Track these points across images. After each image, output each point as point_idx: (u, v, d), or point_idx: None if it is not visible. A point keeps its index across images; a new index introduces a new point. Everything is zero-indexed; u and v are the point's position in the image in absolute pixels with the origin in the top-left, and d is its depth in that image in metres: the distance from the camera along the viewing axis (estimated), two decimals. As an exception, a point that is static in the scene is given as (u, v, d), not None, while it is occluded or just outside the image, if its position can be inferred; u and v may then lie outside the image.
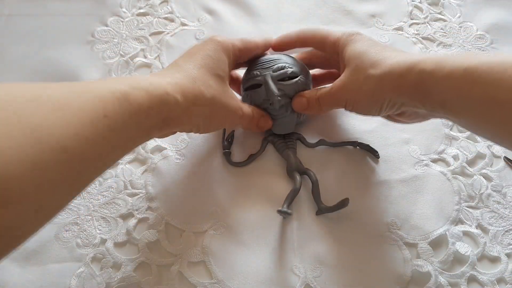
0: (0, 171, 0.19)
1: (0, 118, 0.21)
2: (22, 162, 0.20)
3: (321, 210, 0.38)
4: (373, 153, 0.42)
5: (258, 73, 0.39)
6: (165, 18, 0.54)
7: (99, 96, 0.25)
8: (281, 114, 0.39)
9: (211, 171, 0.41)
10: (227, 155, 0.42)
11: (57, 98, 0.23)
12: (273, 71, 0.39)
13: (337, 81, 0.36)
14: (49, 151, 0.21)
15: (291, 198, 0.38)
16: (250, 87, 0.40)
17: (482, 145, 0.44)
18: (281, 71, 0.39)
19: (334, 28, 0.54)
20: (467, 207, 0.40)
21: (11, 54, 0.50)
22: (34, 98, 0.23)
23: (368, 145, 0.42)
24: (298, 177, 0.39)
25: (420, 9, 0.56)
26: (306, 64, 0.42)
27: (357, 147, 0.43)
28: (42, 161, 0.21)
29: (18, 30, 0.52)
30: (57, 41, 0.51)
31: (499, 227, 0.39)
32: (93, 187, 0.40)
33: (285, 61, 0.40)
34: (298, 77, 0.39)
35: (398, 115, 0.36)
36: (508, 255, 0.37)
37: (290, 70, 0.39)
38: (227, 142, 0.42)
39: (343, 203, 0.38)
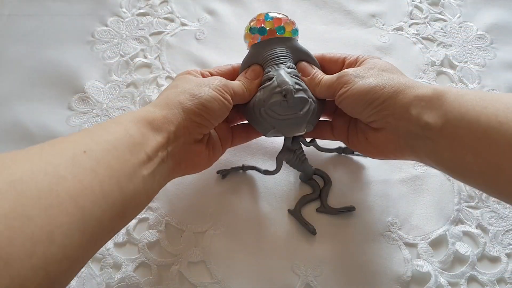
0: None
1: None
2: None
3: (324, 208, 0.39)
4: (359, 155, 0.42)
5: (270, 69, 0.36)
6: (165, 18, 0.54)
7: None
8: (293, 112, 0.34)
9: (211, 171, 0.41)
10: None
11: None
12: (287, 67, 0.36)
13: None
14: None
15: (307, 201, 0.39)
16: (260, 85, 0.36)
17: (482, 145, 0.44)
18: (293, 68, 0.36)
19: (334, 28, 0.54)
20: (467, 207, 0.40)
21: (11, 54, 0.50)
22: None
23: (352, 151, 0.42)
24: (314, 182, 0.40)
25: (420, 9, 0.56)
26: None
27: (342, 153, 0.42)
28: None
29: (18, 30, 0.52)
30: (57, 41, 0.51)
31: (499, 227, 0.39)
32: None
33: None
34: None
35: (372, 130, 0.33)
36: (508, 255, 0.37)
37: (295, 70, 0.37)
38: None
39: (348, 208, 0.38)
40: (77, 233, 0.21)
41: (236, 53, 0.51)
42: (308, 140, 0.40)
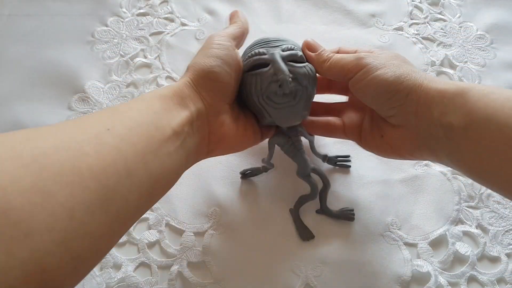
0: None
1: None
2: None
3: (324, 211, 0.39)
4: (345, 164, 0.42)
5: (265, 51, 0.34)
6: (165, 18, 0.54)
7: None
8: (288, 101, 0.33)
9: (211, 171, 0.41)
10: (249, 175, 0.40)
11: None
12: (282, 50, 0.33)
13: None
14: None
15: (305, 201, 0.38)
16: (252, 68, 0.34)
17: (482, 145, 0.44)
18: (291, 51, 0.34)
19: (334, 28, 0.54)
20: (467, 207, 0.40)
21: (11, 54, 0.50)
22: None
23: (335, 162, 0.42)
24: (313, 180, 0.38)
25: (420, 9, 0.56)
26: None
27: (326, 162, 0.42)
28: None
29: (18, 30, 0.52)
30: (57, 41, 0.51)
31: (499, 227, 0.39)
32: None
33: (292, 43, 0.35)
34: (306, 63, 0.34)
35: (390, 127, 0.32)
36: (508, 255, 0.37)
37: (299, 53, 0.34)
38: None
39: (348, 217, 0.38)
40: (99, 211, 0.21)
41: (236, 53, 0.51)
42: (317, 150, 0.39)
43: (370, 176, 0.42)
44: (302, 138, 0.37)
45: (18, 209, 0.18)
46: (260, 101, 0.33)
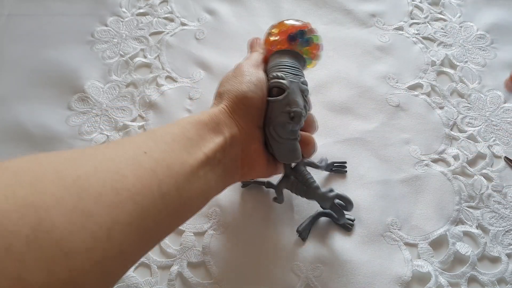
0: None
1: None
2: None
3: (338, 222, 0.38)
4: (341, 170, 0.42)
5: (283, 75, 0.33)
6: (165, 18, 0.54)
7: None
8: (292, 138, 0.32)
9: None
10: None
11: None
12: (302, 83, 0.33)
13: None
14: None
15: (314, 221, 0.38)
16: (269, 92, 0.33)
17: (483, 145, 0.44)
18: (306, 86, 0.33)
19: (335, 28, 0.54)
20: (468, 207, 0.40)
21: (10, 54, 0.50)
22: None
23: (331, 166, 0.41)
24: (337, 206, 0.37)
25: (421, 9, 0.56)
26: None
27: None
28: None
29: (18, 30, 0.52)
30: (56, 41, 0.51)
31: (500, 227, 0.39)
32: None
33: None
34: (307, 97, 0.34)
35: None
36: (508, 255, 0.37)
37: (307, 89, 0.34)
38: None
39: (346, 227, 0.38)
40: (134, 231, 0.22)
41: (236, 52, 0.50)
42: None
43: (370, 176, 0.41)
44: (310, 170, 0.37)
45: (60, 229, 0.18)
46: (270, 130, 0.33)
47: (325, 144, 0.43)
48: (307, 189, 0.35)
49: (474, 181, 0.42)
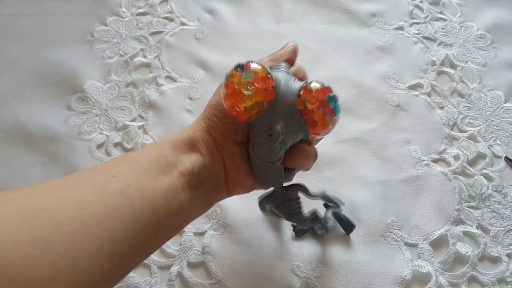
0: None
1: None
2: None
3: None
4: (336, 205, 0.37)
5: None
6: (165, 18, 0.54)
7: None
8: (269, 159, 0.28)
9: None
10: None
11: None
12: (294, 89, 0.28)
13: None
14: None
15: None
16: None
17: (483, 145, 0.44)
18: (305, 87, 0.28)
19: (335, 28, 0.54)
20: (468, 207, 0.40)
21: (10, 53, 0.50)
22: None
23: (328, 200, 0.37)
24: (321, 220, 0.35)
25: (421, 9, 0.56)
26: None
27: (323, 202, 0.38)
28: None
29: (18, 30, 0.52)
30: (56, 41, 0.51)
31: (500, 227, 0.39)
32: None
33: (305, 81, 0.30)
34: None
35: None
36: (509, 255, 0.37)
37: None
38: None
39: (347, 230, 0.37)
40: (105, 257, 0.21)
41: (236, 52, 0.51)
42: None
43: (370, 176, 0.41)
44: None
45: (16, 264, 0.18)
46: (249, 148, 0.29)
47: (325, 144, 0.43)
48: (290, 216, 0.33)
49: (474, 181, 0.41)
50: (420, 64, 0.50)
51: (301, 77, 0.31)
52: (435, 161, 0.43)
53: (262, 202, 0.34)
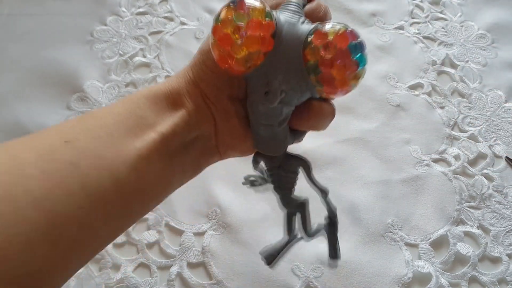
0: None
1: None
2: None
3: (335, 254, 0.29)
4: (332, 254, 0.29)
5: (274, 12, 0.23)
6: (165, 17, 0.54)
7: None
8: (265, 121, 0.23)
9: (211, 171, 0.41)
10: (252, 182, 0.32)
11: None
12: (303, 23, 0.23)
13: None
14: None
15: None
16: None
17: (484, 145, 0.44)
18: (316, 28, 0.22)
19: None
20: (468, 207, 0.40)
21: (10, 53, 0.50)
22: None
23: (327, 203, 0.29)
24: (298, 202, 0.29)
25: (421, 8, 0.56)
26: None
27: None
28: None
29: (17, 30, 0.52)
30: (56, 41, 0.51)
31: (501, 227, 0.39)
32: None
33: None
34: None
35: None
36: (509, 255, 0.37)
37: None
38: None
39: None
40: (44, 245, 0.17)
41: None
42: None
43: (370, 176, 0.41)
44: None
45: None
46: (247, 106, 0.24)
47: (325, 144, 0.43)
48: (278, 187, 0.28)
49: (475, 181, 0.41)
50: (420, 64, 0.50)
51: (319, 17, 0.23)
52: (435, 161, 0.43)
53: (257, 157, 0.27)
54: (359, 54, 0.21)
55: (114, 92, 0.47)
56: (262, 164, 0.28)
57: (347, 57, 0.21)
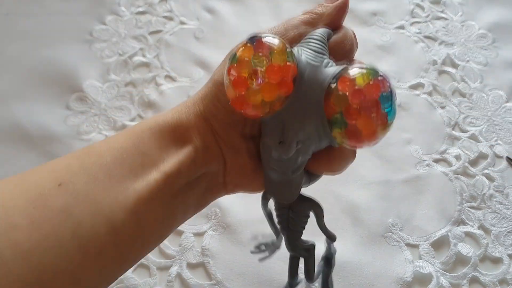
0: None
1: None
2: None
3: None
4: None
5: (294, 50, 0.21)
6: (164, 17, 0.54)
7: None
8: (277, 168, 0.22)
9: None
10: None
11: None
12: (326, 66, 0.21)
13: None
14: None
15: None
16: None
17: (485, 145, 0.44)
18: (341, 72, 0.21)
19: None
20: (469, 207, 0.40)
21: (8, 53, 0.49)
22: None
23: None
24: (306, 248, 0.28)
25: (422, 8, 0.56)
26: None
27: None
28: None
29: (16, 29, 0.52)
30: (55, 40, 0.51)
31: (501, 227, 0.39)
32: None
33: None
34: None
35: None
36: (510, 256, 0.37)
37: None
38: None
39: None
40: None
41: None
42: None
43: (371, 177, 0.41)
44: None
45: None
46: (261, 147, 0.22)
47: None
48: (286, 229, 0.27)
49: (475, 181, 0.41)
50: (421, 64, 0.50)
51: (345, 51, 0.22)
52: (436, 161, 0.43)
53: (267, 194, 0.26)
54: (389, 105, 0.19)
55: (114, 91, 0.47)
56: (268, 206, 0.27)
57: (377, 109, 0.18)
